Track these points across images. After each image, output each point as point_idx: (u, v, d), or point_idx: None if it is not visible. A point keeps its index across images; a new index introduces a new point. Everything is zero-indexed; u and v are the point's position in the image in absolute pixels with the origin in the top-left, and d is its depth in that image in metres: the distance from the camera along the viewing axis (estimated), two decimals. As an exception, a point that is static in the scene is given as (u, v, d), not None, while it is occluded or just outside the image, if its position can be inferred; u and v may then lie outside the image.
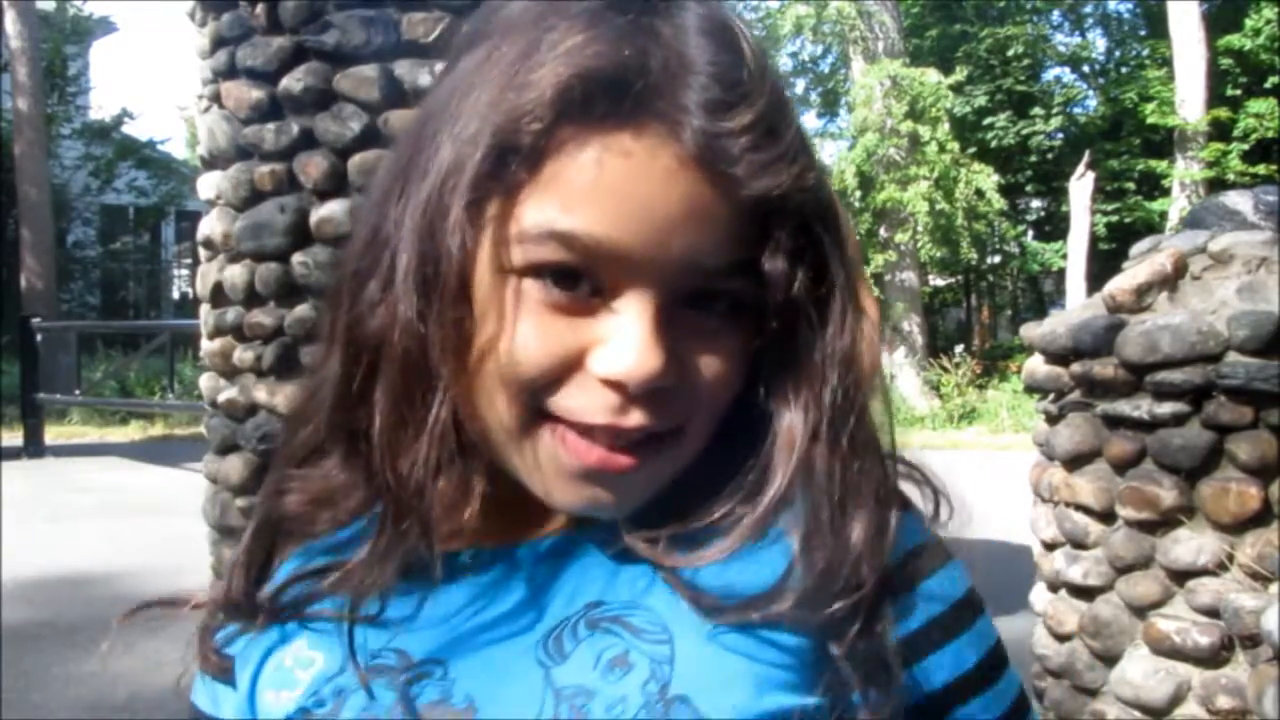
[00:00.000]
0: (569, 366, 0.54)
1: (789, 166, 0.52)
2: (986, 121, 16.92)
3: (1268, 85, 15.14)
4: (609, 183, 0.51)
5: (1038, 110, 17.09)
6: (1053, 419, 3.23)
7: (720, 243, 0.53)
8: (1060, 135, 17.46)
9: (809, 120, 18.15)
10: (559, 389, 0.54)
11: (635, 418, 0.53)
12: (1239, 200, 3.43)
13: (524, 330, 0.53)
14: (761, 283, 0.54)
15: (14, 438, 10.51)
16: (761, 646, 0.55)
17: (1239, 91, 15.40)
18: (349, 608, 0.58)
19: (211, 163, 3.79)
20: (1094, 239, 13.85)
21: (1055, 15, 19.92)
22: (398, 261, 0.55)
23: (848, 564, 0.55)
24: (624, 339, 0.53)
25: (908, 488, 0.62)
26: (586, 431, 0.54)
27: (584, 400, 0.54)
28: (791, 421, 0.57)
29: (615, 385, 0.53)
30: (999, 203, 14.54)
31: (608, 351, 0.53)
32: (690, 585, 0.56)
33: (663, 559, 0.56)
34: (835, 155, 14.83)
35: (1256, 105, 14.94)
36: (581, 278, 0.53)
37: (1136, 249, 3.40)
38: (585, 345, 0.53)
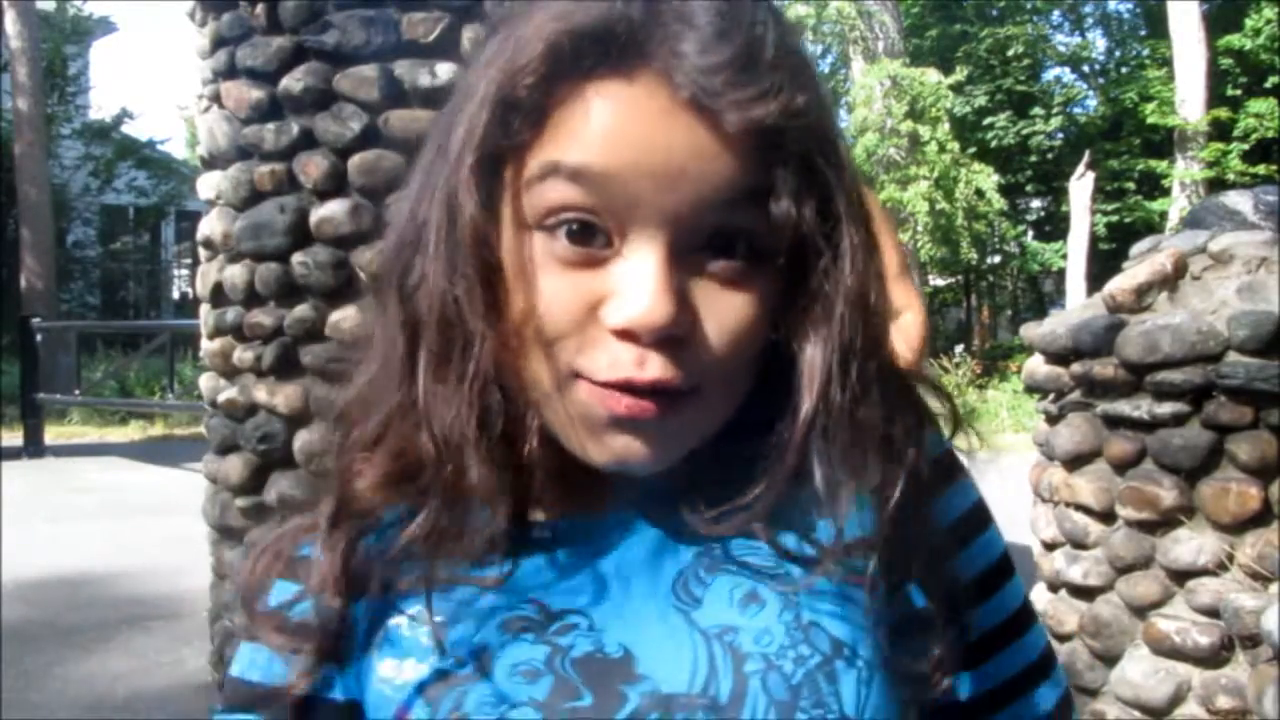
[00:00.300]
0: (586, 321, 0.55)
1: (774, 98, 0.53)
2: (986, 121, 16.92)
3: (1268, 85, 15.14)
4: (608, 126, 0.53)
5: (1038, 110, 17.09)
6: (1053, 419, 3.23)
7: (723, 180, 0.54)
8: (1060, 135, 17.46)
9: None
10: (581, 347, 0.55)
11: (650, 370, 0.54)
12: (1239, 200, 3.43)
13: (543, 287, 0.55)
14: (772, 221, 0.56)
15: (14, 438, 10.50)
16: (851, 576, 0.61)
17: (1239, 91, 15.40)
18: (428, 572, 0.59)
19: (211, 163, 3.79)
20: (1094, 239, 13.84)
21: (1055, 15, 19.93)
22: (430, 233, 0.58)
23: (888, 498, 0.60)
24: (633, 287, 0.54)
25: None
26: (608, 386, 0.55)
27: (601, 357, 0.55)
28: (811, 356, 0.58)
29: (628, 335, 0.54)
30: (999, 203, 14.53)
31: (618, 301, 0.54)
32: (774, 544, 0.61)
33: (723, 532, 0.60)
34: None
35: (1256, 105, 14.94)
36: (595, 231, 0.55)
37: (1136, 249, 3.41)
38: (599, 298, 0.55)
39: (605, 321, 0.55)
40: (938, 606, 0.62)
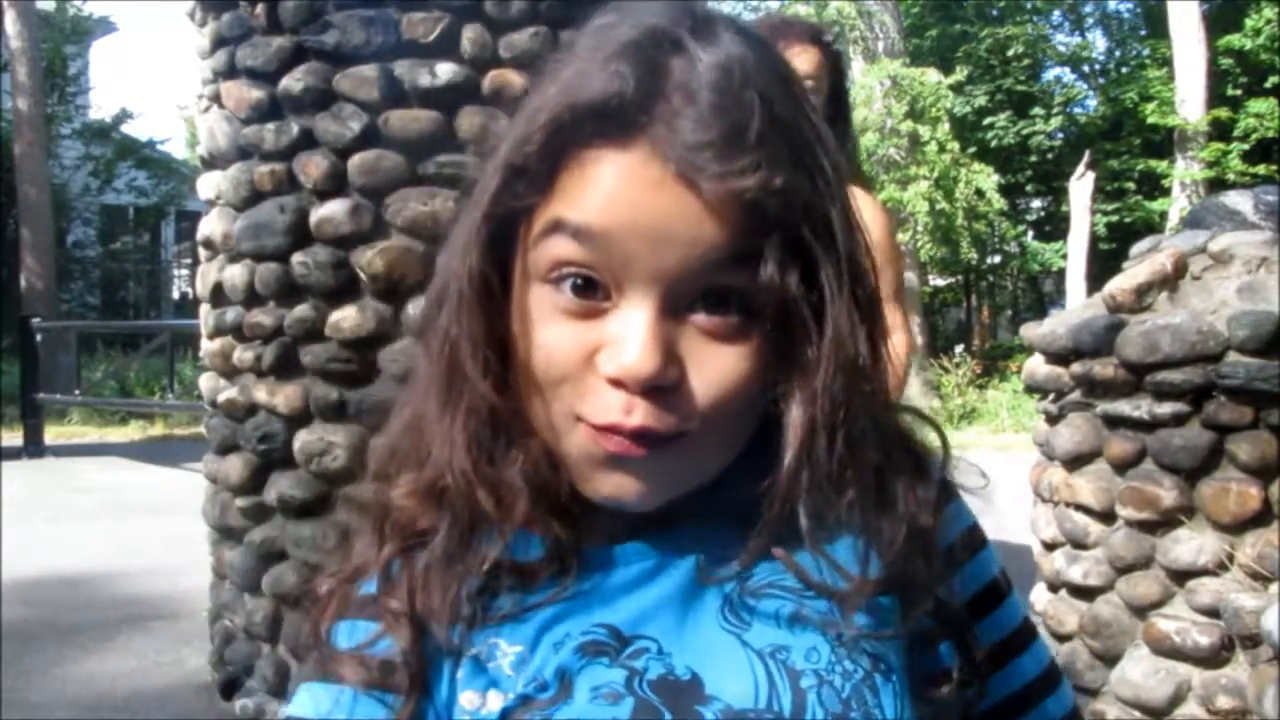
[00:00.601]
0: (584, 368, 0.59)
1: (753, 174, 0.56)
2: (986, 121, 16.93)
3: (1268, 85, 15.14)
4: (605, 190, 0.57)
5: (1038, 110, 17.09)
6: (1053, 419, 3.23)
7: (709, 245, 0.57)
8: (1060, 135, 17.46)
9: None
10: (580, 392, 0.59)
11: (637, 417, 0.58)
12: (1239, 200, 3.43)
13: (546, 335, 0.60)
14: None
15: (14, 438, 10.50)
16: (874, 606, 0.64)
17: (1239, 91, 15.40)
18: (436, 597, 0.63)
19: (211, 163, 3.78)
20: (1094, 239, 13.84)
21: (1055, 15, 19.92)
22: (450, 284, 0.64)
23: (890, 550, 0.63)
24: (625, 339, 0.58)
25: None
26: (601, 429, 0.59)
27: (595, 401, 0.59)
28: (795, 415, 0.61)
29: (618, 383, 0.58)
30: (999, 203, 14.53)
31: (611, 351, 0.58)
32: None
33: (717, 581, 0.64)
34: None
35: (1256, 105, 14.94)
36: (596, 285, 0.59)
37: (1136, 249, 3.40)
38: (596, 347, 0.59)
39: (601, 370, 0.59)
40: (943, 627, 0.66)
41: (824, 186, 0.59)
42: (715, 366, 0.59)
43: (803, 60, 2.26)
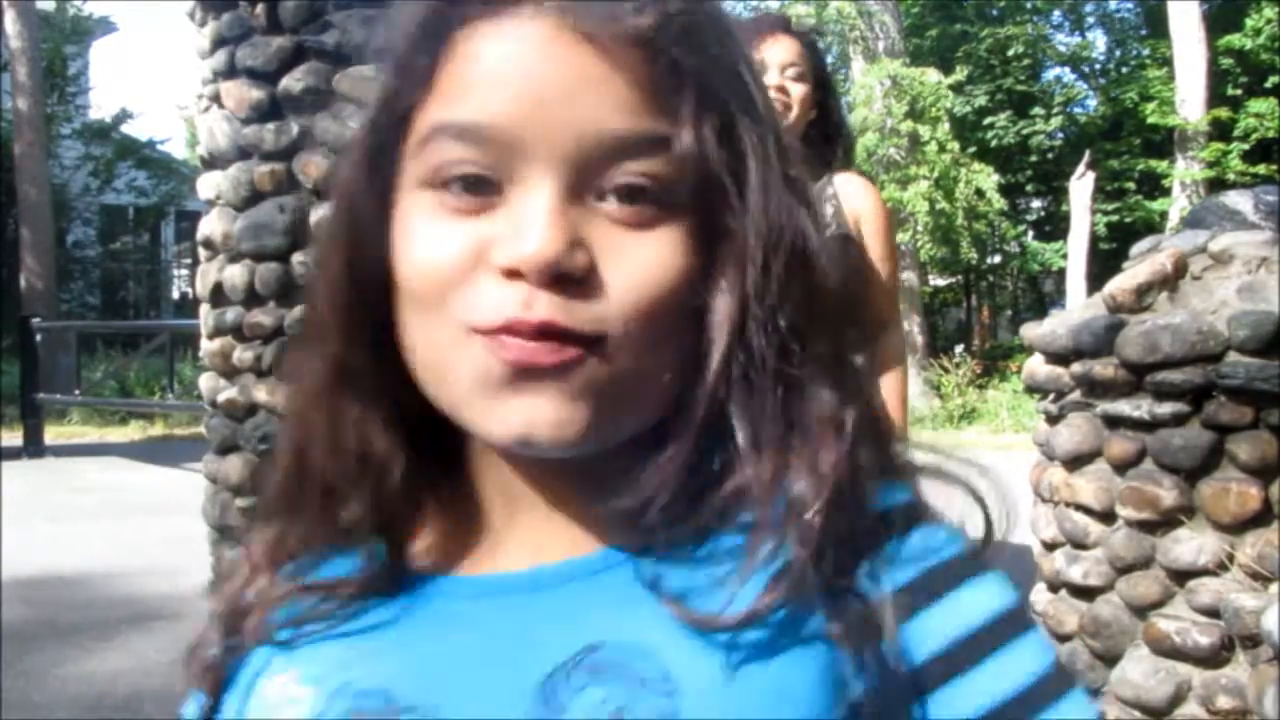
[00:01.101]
0: (476, 268, 0.51)
1: (650, 9, 0.51)
2: (986, 121, 16.92)
3: (1268, 85, 15.14)
4: (489, 68, 0.51)
5: (1038, 110, 17.09)
6: (1053, 419, 3.23)
7: (611, 111, 0.50)
8: (1060, 135, 17.47)
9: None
10: (471, 297, 0.51)
11: (539, 310, 0.49)
12: (1239, 200, 3.44)
13: (429, 238, 0.52)
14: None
15: (14, 438, 10.50)
16: (776, 675, 0.50)
17: (1239, 91, 15.40)
18: (259, 622, 0.57)
19: (211, 163, 3.79)
20: (1094, 239, 13.84)
21: (1055, 15, 19.92)
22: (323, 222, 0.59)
23: (829, 474, 0.52)
24: (521, 224, 0.50)
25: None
26: (497, 333, 0.50)
27: (488, 298, 0.50)
28: (721, 303, 0.52)
29: (515, 274, 0.50)
30: (999, 203, 14.52)
31: (505, 239, 0.50)
32: (679, 598, 0.51)
33: (632, 540, 0.53)
34: (835, 155, 14.78)
35: (1257, 105, 14.94)
36: (488, 182, 0.51)
37: (1136, 249, 3.41)
38: (490, 243, 0.51)
39: (494, 263, 0.50)
40: (872, 657, 0.51)
41: (736, 52, 0.54)
42: (632, 256, 0.51)
43: (782, 49, 2.26)
